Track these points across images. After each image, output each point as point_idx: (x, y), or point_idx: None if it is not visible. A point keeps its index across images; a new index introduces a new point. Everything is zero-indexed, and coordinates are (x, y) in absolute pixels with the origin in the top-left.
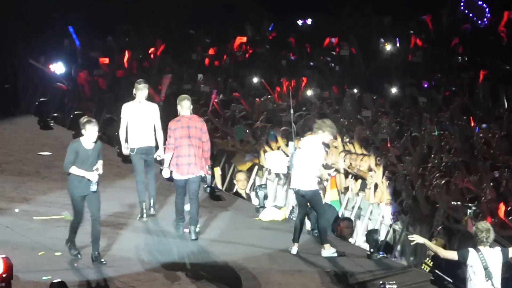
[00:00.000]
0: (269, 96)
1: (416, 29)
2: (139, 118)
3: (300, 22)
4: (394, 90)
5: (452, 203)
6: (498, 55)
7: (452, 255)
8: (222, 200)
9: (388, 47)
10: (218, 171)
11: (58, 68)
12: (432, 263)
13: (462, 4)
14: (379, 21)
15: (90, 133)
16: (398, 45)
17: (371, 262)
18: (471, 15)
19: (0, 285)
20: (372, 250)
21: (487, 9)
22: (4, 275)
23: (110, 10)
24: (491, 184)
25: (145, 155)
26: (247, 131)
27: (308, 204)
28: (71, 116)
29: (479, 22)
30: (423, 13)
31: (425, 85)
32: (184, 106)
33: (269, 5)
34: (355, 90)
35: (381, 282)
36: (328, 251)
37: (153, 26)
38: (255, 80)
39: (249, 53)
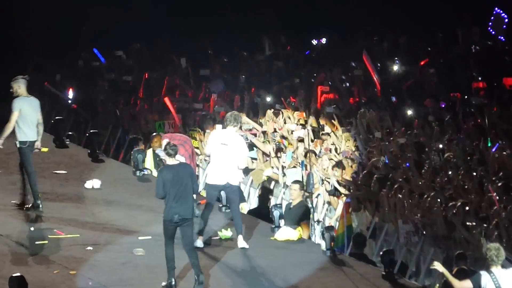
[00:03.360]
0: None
1: (431, 49)
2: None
3: (314, 41)
4: (409, 111)
5: (467, 223)
6: None
7: (467, 284)
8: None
9: (396, 67)
10: None
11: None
12: None
13: (490, 23)
14: (394, 40)
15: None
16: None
17: (386, 283)
18: (493, 32)
19: None
20: (387, 270)
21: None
22: None
23: (121, 27)
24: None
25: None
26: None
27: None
28: (87, 134)
29: (499, 37)
30: (439, 32)
31: (442, 105)
32: None
33: (285, 23)
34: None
35: None
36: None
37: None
38: (269, 99)
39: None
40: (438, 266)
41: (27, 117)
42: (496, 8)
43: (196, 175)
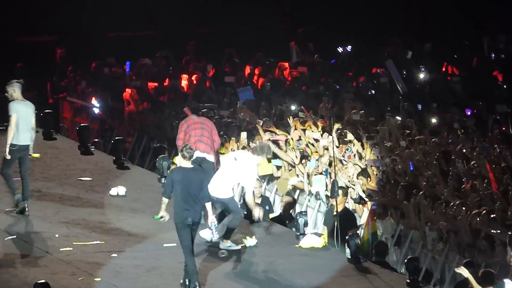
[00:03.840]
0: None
1: (455, 57)
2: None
3: (340, 49)
4: (433, 119)
5: (492, 231)
6: None
7: None
8: (260, 227)
9: (421, 75)
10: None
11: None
12: None
13: None
14: (419, 47)
15: None
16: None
17: None
18: None
19: None
20: (412, 277)
21: None
22: None
23: (150, 35)
24: None
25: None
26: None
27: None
28: (112, 141)
29: None
30: (465, 40)
31: (468, 113)
32: None
33: (311, 31)
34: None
35: None
36: (226, 243)
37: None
38: (293, 107)
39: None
40: (462, 270)
41: (21, 121)
42: None
43: None
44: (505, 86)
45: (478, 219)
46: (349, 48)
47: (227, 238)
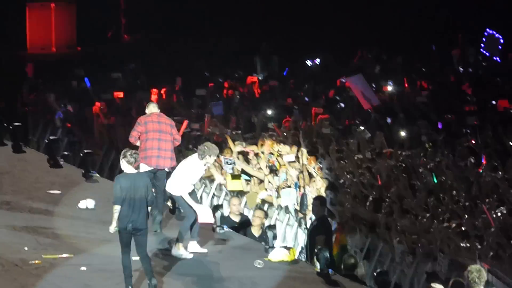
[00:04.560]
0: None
1: (424, 70)
2: None
3: (309, 62)
4: (402, 132)
5: (461, 244)
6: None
7: None
8: (230, 240)
9: (390, 88)
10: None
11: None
12: None
13: (482, 45)
14: (389, 61)
15: None
16: (405, 86)
17: None
18: (487, 53)
19: None
20: None
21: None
22: None
23: (118, 48)
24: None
25: None
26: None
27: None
28: (81, 154)
29: (494, 58)
30: (434, 54)
31: (439, 126)
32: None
33: (279, 45)
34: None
35: None
36: (179, 251)
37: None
38: (269, 112)
39: (260, 91)
40: (438, 286)
41: None
42: (488, 29)
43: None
44: (474, 100)
45: (448, 231)
46: (317, 61)
47: (179, 241)
